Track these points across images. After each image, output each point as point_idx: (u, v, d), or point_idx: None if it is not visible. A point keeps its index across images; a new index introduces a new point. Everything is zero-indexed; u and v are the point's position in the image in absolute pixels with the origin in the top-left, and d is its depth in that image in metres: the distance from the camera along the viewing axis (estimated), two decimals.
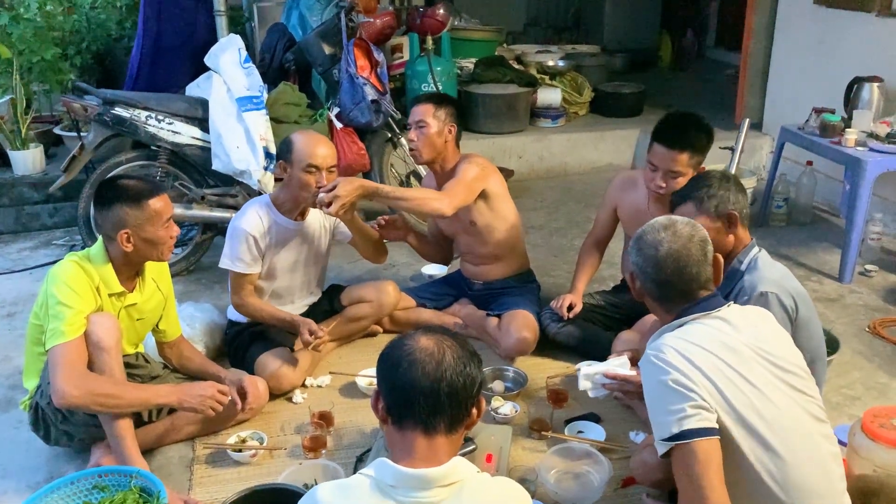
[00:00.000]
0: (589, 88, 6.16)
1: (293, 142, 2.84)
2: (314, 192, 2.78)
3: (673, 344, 1.79)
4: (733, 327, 1.85)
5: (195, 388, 2.46)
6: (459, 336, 1.54)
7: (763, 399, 1.75)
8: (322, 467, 2.38)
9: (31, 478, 2.48)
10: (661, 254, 1.89)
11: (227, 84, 3.85)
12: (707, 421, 1.69)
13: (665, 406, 1.73)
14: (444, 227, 3.34)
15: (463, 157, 3.14)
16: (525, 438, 2.63)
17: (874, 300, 3.65)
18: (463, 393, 1.45)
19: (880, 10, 4.28)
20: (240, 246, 2.83)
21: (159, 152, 3.80)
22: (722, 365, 1.76)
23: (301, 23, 4.77)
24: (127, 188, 2.37)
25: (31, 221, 4.62)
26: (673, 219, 1.97)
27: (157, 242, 2.41)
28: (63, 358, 2.23)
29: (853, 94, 4.13)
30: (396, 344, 1.50)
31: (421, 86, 5.08)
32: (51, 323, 2.26)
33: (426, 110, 3.06)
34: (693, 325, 1.85)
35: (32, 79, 4.90)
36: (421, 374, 1.43)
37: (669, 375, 1.73)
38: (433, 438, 1.43)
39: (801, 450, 1.76)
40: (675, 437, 1.69)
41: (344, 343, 3.25)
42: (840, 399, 2.85)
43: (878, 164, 3.69)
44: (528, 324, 3.09)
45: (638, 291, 2.00)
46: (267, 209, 2.90)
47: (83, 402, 2.23)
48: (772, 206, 4.54)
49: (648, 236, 1.93)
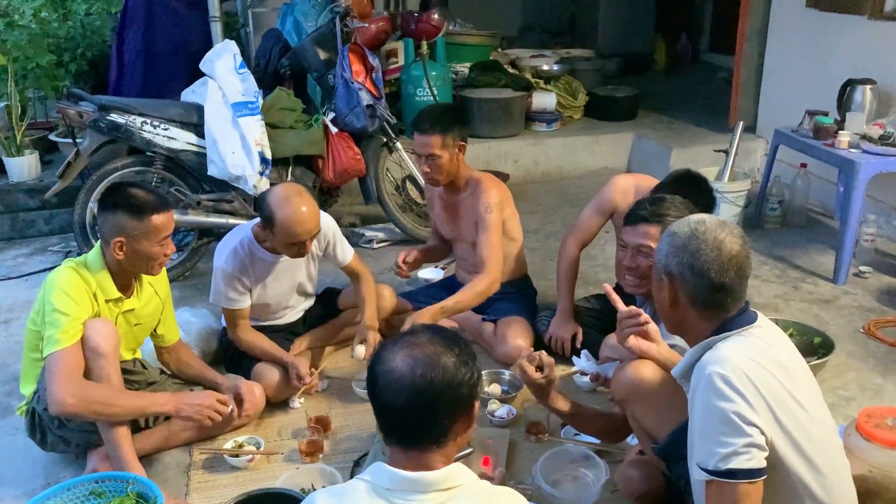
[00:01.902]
0: (583, 92, 6.18)
1: (275, 215, 2.65)
2: (301, 253, 2.75)
3: (739, 363, 1.65)
4: (775, 340, 1.77)
5: (192, 397, 2.46)
6: (448, 337, 1.46)
7: (808, 418, 1.70)
8: (319, 471, 2.38)
9: (28, 484, 2.48)
10: (725, 255, 1.72)
11: (222, 89, 3.86)
12: (756, 461, 1.60)
13: (717, 435, 1.62)
14: (445, 233, 3.35)
15: (477, 186, 3.10)
16: (522, 441, 2.64)
17: (868, 301, 3.67)
18: (439, 410, 1.39)
19: (872, 12, 4.30)
20: (225, 286, 2.79)
21: (155, 158, 3.80)
22: (776, 385, 1.66)
23: (296, 28, 4.78)
24: (133, 197, 2.35)
25: (27, 228, 4.61)
26: (717, 218, 1.83)
27: (149, 258, 2.39)
28: (59, 366, 2.22)
29: (846, 96, 4.15)
30: (376, 358, 1.45)
31: (416, 90, 5.08)
32: (47, 330, 2.26)
33: (434, 142, 2.99)
34: (744, 339, 1.73)
35: (27, 85, 4.92)
36: (390, 395, 1.38)
37: (733, 405, 1.60)
38: (419, 453, 1.40)
39: (839, 465, 1.76)
40: (720, 473, 1.61)
41: (340, 348, 3.25)
42: (835, 400, 2.86)
43: (871, 165, 3.71)
44: (522, 331, 3.09)
45: (669, 299, 1.81)
46: (249, 245, 2.81)
47: (79, 409, 2.22)
48: (766, 209, 4.56)
49: (707, 235, 1.74)
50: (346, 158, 4.15)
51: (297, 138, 4.04)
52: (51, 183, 4.11)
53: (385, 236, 4.46)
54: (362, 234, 4.46)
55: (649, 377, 2.09)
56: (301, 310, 3.16)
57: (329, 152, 4.14)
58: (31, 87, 4.96)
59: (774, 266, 4.06)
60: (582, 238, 3.18)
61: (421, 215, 4.49)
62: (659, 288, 1.84)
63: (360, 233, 4.47)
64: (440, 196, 3.26)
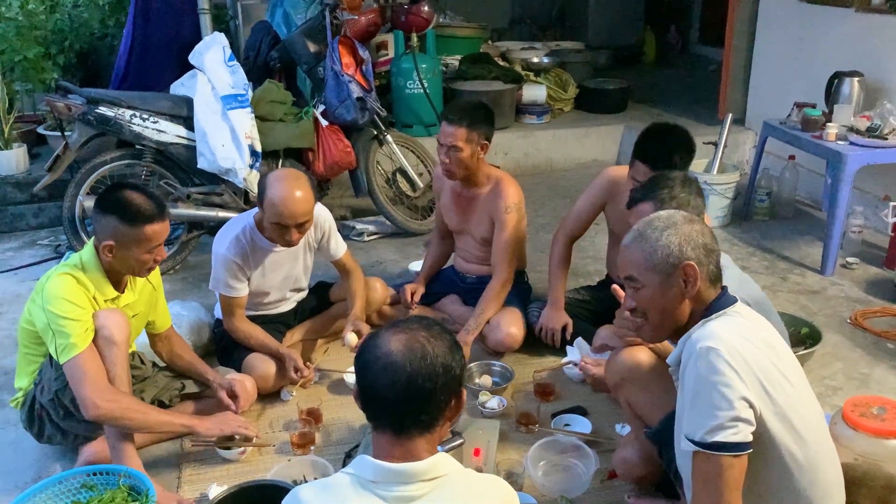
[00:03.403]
0: (573, 85, 6.19)
1: (266, 191, 2.68)
2: (286, 240, 2.75)
3: (729, 338, 1.69)
4: (757, 320, 1.82)
5: (217, 419, 2.49)
6: (436, 328, 1.46)
7: (796, 394, 1.74)
8: (311, 463, 2.39)
9: (20, 477, 2.47)
10: (701, 224, 1.84)
11: (211, 82, 3.85)
12: (742, 435, 1.63)
13: (706, 408, 1.65)
14: (451, 224, 3.35)
15: (497, 184, 3.13)
16: (512, 432, 2.65)
17: (856, 292, 3.70)
18: (434, 395, 1.39)
19: (859, 5, 4.32)
20: (225, 272, 2.79)
21: (144, 151, 3.79)
22: (765, 360, 1.70)
23: (286, 20, 4.76)
24: (128, 203, 2.29)
25: (16, 222, 4.59)
26: (668, 211, 1.91)
27: (139, 264, 2.36)
28: (84, 370, 2.21)
29: (834, 88, 4.17)
30: (367, 345, 1.44)
31: (406, 83, 5.08)
32: (59, 339, 2.22)
33: (459, 134, 2.97)
34: (730, 318, 1.77)
35: (15, 78, 4.88)
36: (386, 381, 1.38)
37: (723, 377, 1.64)
38: (409, 440, 1.40)
39: (826, 444, 1.79)
40: (706, 445, 1.64)
41: (332, 339, 3.26)
42: (822, 389, 2.89)
43: (858, 157, 3.74)
44: (515, 320, 3.11)
45: (680, 293, 1.79)
46: (250, 232, 2.82)
47: (113, 414, 2.22)
48: (755, 201, 4.59)
49: (685, 217, 1.83)
50: (337, 151, 4.15)
51: (287, 131, 4.04)
52: (39, 176, 4.09)
53: (375, 229, 4.46)
54: (353, 226, 4.47)
55: (644, 361, 2.13)
56: (294, 301, 3.16)
57: (319, 145, 4.13)
58: (18, 80, 4.92)
59: (763, 258, 4.09)
60: (573, 231, 3.20)
61: (411, 208, 4.50)
62: (668, 287, 1.79)
63: (350, 225, 4.47)
64: (452, 188, 3.25)
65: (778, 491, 1.74)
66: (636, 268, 1.83)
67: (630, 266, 1.85)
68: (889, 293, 3.64)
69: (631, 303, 1.87)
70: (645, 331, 1.89)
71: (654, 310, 1.82)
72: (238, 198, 3.93)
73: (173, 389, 2.67)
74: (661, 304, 1.81)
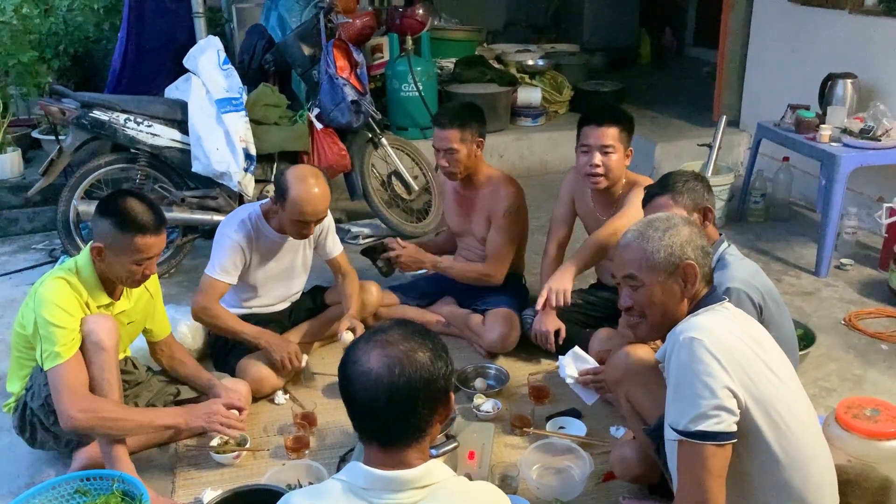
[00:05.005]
0: (569, 87, 6.20)
1: (289, 190, 2.73)
2: (303, 234, 2.84)
3: (713, 330, 1.72)
4: (743, 316, 1.85)
5: (198, 408, 2.47)
6: (416, 338, 1.42)
7: (784, 388, 1.76)
8: (305, 467, 2.39)
9: (13, 483, 2.47)
10: (706, 240, 1.90)
11: (206, 86, 3.84)
12: (724, 424, 1.64)
13: (689, 397, 1.67)
14: (454, 226, 3.40)
15: (498, 185, 3.17)
16: (507, 435, 2.65)
17: (849, 293, 3.71)
18: (416, 409, 1.37)
19: (853, 7, 4.34)
20: (226, 253, 2.81)
21: (139, 155, 3.79)
22: (749, 351, 1.73)
23: (280, 24, 4.76)
24: (126, 211, 2.27)
25: (10, 226, 4.58)
26: (656, 214, 1.98)
27: (125, 274, 2.33)
28: (63, 381, 2.20)
29: (827, 90, 4.18)
30: (347, 359, 1.41)
31: (401, 86, 5.09)
32: (44, 345, 2.22)
33: (453, 136, 3.04)
34: (716, 312, 1.81)
35: (9, 82, 4.87)
36: (366, 398, 1.36)
37: (706, 367, 1.66)
38: (397, 451, 1.38)
39: (817, 440, 1.80)
40: (689, 434, 1.65)
41: (326, 343, 3.26)
42: (816, 391, 2.89)
43: (851, 159, 3.75)
44: (510, 321, 3.12)
45: (680, 292, 1.84)
46: (257, 219, 2.88)
47: (90, 424, 2.22)
48: (749, 202, 4.59)
49: (693, 227, 1.91)
50: (332, 154, 4.15)
51: (282, 134, 4.04)
52: (33, 180, 4.09)
53: (371, 232, 4.46)
54: (348, 229, 4.46)
55: (645, 358, 2.15)
56: (288, 300, 3.16)
57: (314, 148, 4.13)
58: (12, 84, 4.92)
59: (757, 259, 4.10)
60: (556, 233, 3.25)
61: (407, 211, 4.50)
62: (668, 286, 1.83)
63: (345, 228, 4.47)
64: (455, 189, 3.30)
65: (763, 482, 1.75)
66: (637, 266, 1.86)
67: (630, 264, 1.87)
68: (883, 294, 3.65)
69: (627, 301, 1.89)
70: (642, 329, 1.92)
71: (654, 308, 1.86)
72: (233, 201, 3.92)
73: (168, 395, 2.66)
74: (661, 302, 1.84)
